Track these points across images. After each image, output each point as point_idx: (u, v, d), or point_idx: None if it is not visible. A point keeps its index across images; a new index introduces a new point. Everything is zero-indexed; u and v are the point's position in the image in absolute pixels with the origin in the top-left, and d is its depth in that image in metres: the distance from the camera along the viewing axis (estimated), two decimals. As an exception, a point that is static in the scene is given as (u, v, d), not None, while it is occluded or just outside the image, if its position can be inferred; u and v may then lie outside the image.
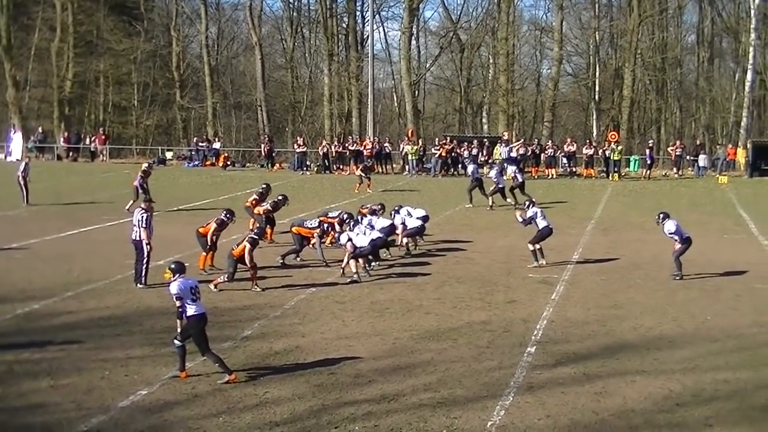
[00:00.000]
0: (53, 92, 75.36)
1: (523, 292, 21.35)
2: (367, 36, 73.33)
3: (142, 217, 21.80)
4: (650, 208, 32.60)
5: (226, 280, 21.25)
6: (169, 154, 64.83)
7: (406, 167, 54.46)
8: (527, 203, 26.20)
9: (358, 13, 78.61)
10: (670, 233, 23.08)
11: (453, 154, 53.37)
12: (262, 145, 59.54)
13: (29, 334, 17.13)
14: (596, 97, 74.79)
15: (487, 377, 14.74)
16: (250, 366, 15.23)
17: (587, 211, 36.09)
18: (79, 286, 21.41)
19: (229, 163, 59.00)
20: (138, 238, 21.81)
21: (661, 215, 23.46)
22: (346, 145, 57.33)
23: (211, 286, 20.92)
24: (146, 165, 36.55)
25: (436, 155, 53.52)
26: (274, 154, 59.10)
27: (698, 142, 59.65)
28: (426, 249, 27.14)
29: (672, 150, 55.81)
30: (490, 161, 52.78)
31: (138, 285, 21.67)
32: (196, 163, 60.11)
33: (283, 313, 19.10)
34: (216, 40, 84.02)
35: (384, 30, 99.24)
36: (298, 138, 60.18)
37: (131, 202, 33.85)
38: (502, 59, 71.30)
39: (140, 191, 34.36)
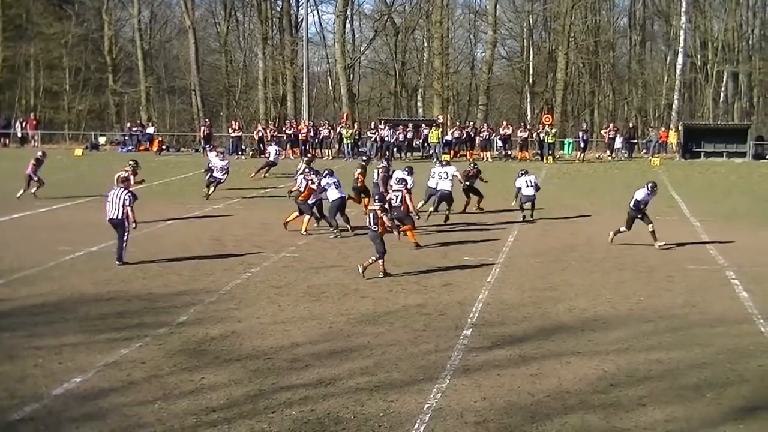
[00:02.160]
0: (-18, 77, 74.21)
1: (458, 275, 21.41)
2: (302, 20, 73.22)
3: (128, 197, 22.17)
4: (584, 191, 32.92)
5: (376, 259, 21.13)
6: (102, 139, 64.24)
7: (342, 151, 54.43)
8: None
9: (292, -4, 78.38)
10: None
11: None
12: (203, 128, 59.00)
13: (-40, 323, 16.85)
14: (530, 80, 75.33)
15: (423, 360, 14.76)
16: (186, 352, 15.12)
17: (522, 194, 36.26)
18: (11, 274, 21.07)
19: (163, 147, 58.53)
20: (119, 217, 22.05)
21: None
22: (283, 129, 57.14)
23: (360, 269, 20.97)
24: (40, 153, 35.86)
25: (372, 139, 53.54)
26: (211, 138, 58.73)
27: (631, 125, 60.30)
28: (361, 233, 27.11)
29: (605, 132, 56.35)
30: (425, 145, 53.04)
31: (118, 263, 22.01)
32: (130, 148, 59.59)
33: (219, 298, 18.98)
34: (149, 24, 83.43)
35: (318, 13, 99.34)
36: (233, 122, 59.90)
37: (22, 191, 33.84)
38: (437, 43, 71.56)
39: (32, 179, 34.25)
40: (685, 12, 69.75)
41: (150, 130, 62.49)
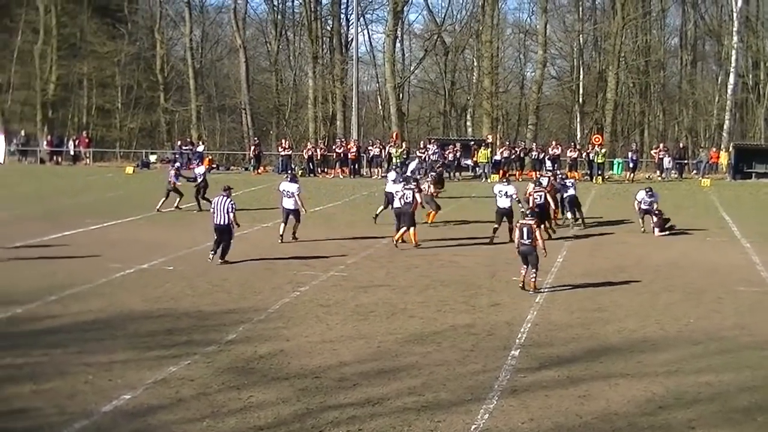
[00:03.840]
0: (36, 95, 75.03)
1: (507, 295, 21.37)
2: (352, 39, 73.49)
3: (231, 205, 24.66)
4: (633, 212, 32.75)
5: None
6: (153, 158, 64.74)
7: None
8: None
9: (342, 15, 78.88)
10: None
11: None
12: (252, 147, 59.39)
13: (11, 339, 17.02)
14: (580, 99, 75.01)
15: (471, 380, 14.75)
16: (234, 370, 15.20)
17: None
18: (63, 290, 21.32)
19: (213, 166, 58.90)
20: (225, 223, 24.61)
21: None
22: (333, 147, 57.33)
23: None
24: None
25: (421, 158, 53.54)
26: (261, 157, 59.08)
27: (681, 145, 59.91)
28: (409, 253, 27.17)
29: (655, 153, 56.02)
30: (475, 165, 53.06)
31: (219, 261, 24.67)
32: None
33: (267, 316, 19.07)
34: (200, 43, 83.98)
35: (368, 33, 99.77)
36: (283, 141, 60.18)
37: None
38: (487, 62, 71.53)
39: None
40: (737, 32, 69.25)
41: (200, 148, 62.88)
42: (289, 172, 35.85)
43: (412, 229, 28.06)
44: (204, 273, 23.48)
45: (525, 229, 21.55)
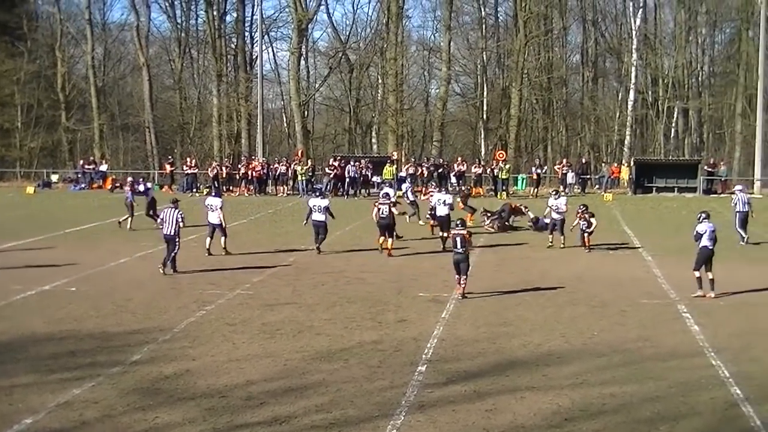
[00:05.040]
0: (-68, 114, 73.48)
1: (413, 311, 21.42)
2: (256, 56, 73.42)
3: (181, 216, 26.30)
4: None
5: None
6: (54, 177, 63.81)
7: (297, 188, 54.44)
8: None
9: (246, 33, 78.80)
10: (699, 233, 23.29)
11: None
12: (167, 166, 58.95)
13: None
14: (484, 116, 75.71)
15: (378, 397, 14.75)
16: (139, 391, 15.00)
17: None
18: (-38, 313, 20.87)
19: (116, 185, 58.24)
20: (172, 233, 25.95)
21: (703, 215, 23.62)
22: (238, 166, 57.09)
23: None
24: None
25: (330, 175, 53.51)
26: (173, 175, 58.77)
27: (584, 160, 60.80)
28: (316, 270, 27.15)
29: (558, 168, 56.77)
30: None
31: (168, 271, 25.89)
32: (83, 186, 59.24)
33: (173, 336, 18.87)
34: (102, 61, 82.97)
35: (273, 50, 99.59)
36: (188, 159, 59.74)
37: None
38: (391, 79, 71.88)
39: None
40: (636, 49, 70.75)
41: (103, 167, 62.19)
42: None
43: (389, 240, 30.20)
44: (108, 293, 23.16)
45: (458, 239, 22.72)
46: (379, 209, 30.46)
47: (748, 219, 33.33)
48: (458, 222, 23.70)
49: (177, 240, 26.14)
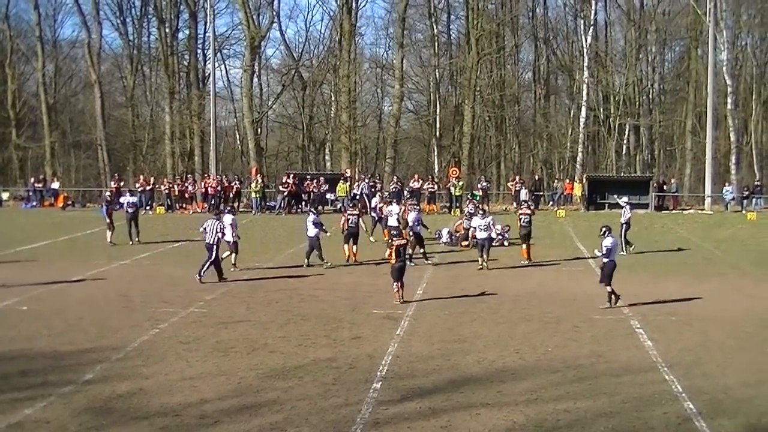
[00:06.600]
0: None
1: (368, 328, 21.43)
2: (209, 74, 73.07)
3: (221, 227, 28.22)
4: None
5: None
6: (5, 195, 63.14)
7: (250, 205, 54.30)
8: None
9: (199, 50, 78.29)
10: (608, 248, 24.33)
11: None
12: (112, 183, 58.32)
13: None
14: (437, 133, 75.87)
15: (333, 414, 14.72)
16: (92, 410, 14.86)
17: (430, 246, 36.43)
18: None
19: (69, 203, 57.81)
20: (212, 242, 27.76)
21: (605, 229, 25.07)
22: (186, 184, 56.73)
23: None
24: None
25: (285, 193, 53.38)
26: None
27: (537, 177, 61.15)
28: (269, 288, 27.09)
29: (511, 185, 57.04)
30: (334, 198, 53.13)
31: (198, 278, 27.48)
32: (34, 203, 58.72)
33: (125, 355, 18.74)
34: (53, 78, 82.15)
35: (226, 68, 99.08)
36: (141, 177, 59.37)
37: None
38: (344, 96, 71.86)
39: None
40: (588, 67, 71.23)
41: (55, 185, 61.66)
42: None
43: (355, 247, 32.55)
44: (60, 312, 22.97)
45: (401, 249, 25.00)
46: (348, 219, 32.70)
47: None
48: (396, 233, 26.13)
49: (215, 249, 27.83)
